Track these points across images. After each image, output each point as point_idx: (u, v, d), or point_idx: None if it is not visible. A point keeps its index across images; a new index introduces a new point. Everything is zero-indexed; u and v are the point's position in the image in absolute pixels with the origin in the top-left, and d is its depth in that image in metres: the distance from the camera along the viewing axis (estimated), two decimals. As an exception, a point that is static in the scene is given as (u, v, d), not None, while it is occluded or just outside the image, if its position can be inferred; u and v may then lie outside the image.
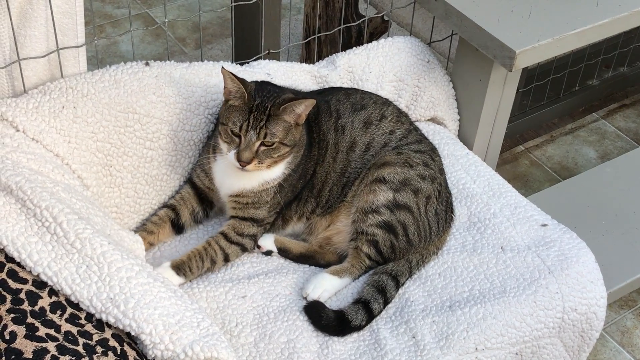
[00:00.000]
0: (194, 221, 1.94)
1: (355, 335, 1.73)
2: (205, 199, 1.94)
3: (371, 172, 1.87)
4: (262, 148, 1.72)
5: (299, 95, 1.83)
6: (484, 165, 2.16)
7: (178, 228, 1.92)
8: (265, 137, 1.71)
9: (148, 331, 1.42)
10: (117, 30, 3.30)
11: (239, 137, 1.72)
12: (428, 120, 2.29)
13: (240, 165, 1.72)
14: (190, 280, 1.78)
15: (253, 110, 1.71)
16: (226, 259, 1.82)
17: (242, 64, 2.10)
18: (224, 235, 1.83)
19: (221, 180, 1.86)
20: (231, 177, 1.82)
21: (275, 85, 1.82)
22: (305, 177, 1.87)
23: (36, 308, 1.38)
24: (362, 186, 1.87)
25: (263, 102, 1.72)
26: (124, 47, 3.22)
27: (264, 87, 1.76)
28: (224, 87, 1.75)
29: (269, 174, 1.80)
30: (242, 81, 1.73)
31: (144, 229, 1.87)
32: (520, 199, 2.06)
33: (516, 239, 1.94)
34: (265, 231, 1.90)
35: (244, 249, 1.86)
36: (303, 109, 1.74)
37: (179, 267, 1.76)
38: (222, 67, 1.73)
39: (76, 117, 1.79)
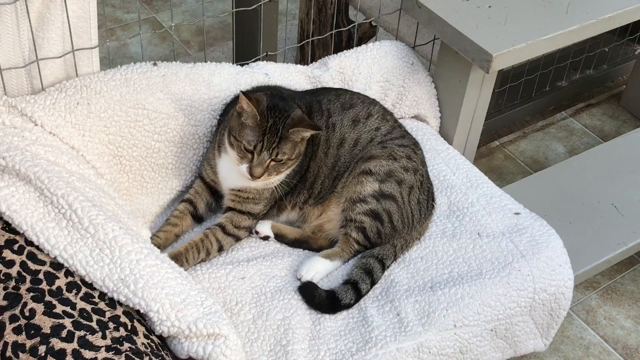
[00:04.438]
0: (209, 211, 1.94)
1: (345, 313, 1.74)
2: (216, 191, 1.93)
3: (359, 165, 1.87)
4: (272, 163, 1.72)
5: (300, 104, 1.83)
6: (462, 158, 2.16)
7: (197, 218, 1.92)
8: (277, 156, 1.71)
9: (156, 309, 1.42)
10: (127, 33, 3.28)
11: (252, 153, 1.71)
12: (412, 117, 2.29)
13: (252, 179, 1.72)
14: (185, 270, 1.74)
15: (267, 132, 1.69)
16: (220, 250, 1.82)
17: (242, 65, 2.10)
18: (222, 228, 1.82)
19: (225, 176, 1.85)
20: (236, 175, 1.80)
21: (283, 98, 1.78)
22: (300, 171, 1.87)
23: (53, 287, 1.38)
24: (350, 178, 1.87)
25: (275, 123, 1.70)
26: (134, 49, 3.20)
27: (275, 105, 1.72)
28: (239, 104, 1.71)
29: (274, 179, 1.79)
30: (257, 100, 1.70)
31: (168, 223, 1.87)
32: (495, 190, 2.06)
33: (491, 226, 1.95)
34: (259, 221, 1.89)
35: (238, 240, 1.86)
36: (309, 135, 1.75)
37: (177, 258, 1.74)
38: (241, 92, 1.69)
39: (90, 113, 1.79)
